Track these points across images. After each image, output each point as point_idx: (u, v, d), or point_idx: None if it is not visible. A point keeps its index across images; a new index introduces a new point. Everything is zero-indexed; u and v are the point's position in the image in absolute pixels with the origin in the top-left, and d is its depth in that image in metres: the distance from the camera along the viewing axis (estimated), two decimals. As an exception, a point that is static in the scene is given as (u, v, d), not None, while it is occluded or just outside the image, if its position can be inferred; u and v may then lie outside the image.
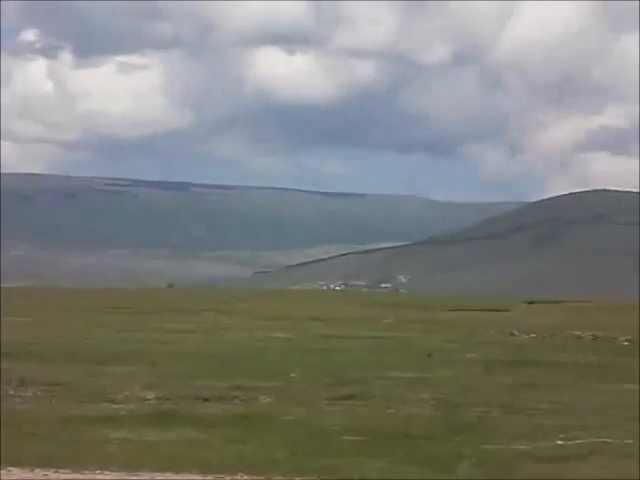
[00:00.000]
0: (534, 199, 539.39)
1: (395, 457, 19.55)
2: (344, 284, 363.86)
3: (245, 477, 18.06)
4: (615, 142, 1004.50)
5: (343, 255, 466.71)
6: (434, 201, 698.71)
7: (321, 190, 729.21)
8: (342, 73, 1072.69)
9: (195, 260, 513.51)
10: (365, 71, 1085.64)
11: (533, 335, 53.73)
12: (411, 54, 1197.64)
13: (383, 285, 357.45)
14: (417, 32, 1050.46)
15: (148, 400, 26.49)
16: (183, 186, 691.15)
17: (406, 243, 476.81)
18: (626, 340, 51.44)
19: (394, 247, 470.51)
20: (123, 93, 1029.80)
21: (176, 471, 18.25)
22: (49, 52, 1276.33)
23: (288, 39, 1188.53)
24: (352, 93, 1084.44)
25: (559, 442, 21.34)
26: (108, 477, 17.99)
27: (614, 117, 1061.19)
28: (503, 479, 17.95)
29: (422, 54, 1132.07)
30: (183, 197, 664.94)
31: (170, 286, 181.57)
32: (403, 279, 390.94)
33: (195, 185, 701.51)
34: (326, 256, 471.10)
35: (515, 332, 55.54)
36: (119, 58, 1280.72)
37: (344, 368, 34.64)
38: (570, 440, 21.49)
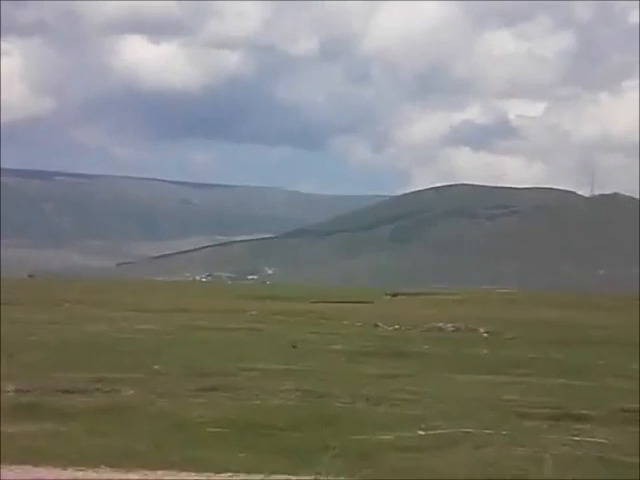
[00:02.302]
0: (399, 192, 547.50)
1: (259, 449, 19.53)
2: (210, 276, 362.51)
3: (107, 470, 17.78)
4: (476, 137, 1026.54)
5: (209, 246, 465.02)
6: (302, 193, 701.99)
7: (188, 181, 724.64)
8: (209, 64, 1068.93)
9: (58, 250, 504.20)
10: (233, 62, 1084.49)
11: (396, 327, 54.46)
12: (279, 46, 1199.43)
13: (250, 277, 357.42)
14: (285, 24, 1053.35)
15: (7, 392, 25.85)
16: (47, 175, 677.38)
17: (273, 235, 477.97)
18: (486, 332, 52.62)
19: (261, 239, 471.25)
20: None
21: (35, 464, 17.86)
22: None
23: (154, 28, 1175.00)
24: (220, 84, 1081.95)
25: (421, 432, 21.63)
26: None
27: (476, 113, 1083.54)
28: (366, 469, 18.10)
29: (290, 46, 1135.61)
30: (46, 186, 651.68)
31: (30, 276, 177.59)
32: (270, 271, 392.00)
33: (59, 174, 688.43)
34: (192, 247, 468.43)
35: (379, 324, 56.19)
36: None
37: (209, 360, 34.47)
38: (431, 430, 21.82)
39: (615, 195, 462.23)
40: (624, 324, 61.55)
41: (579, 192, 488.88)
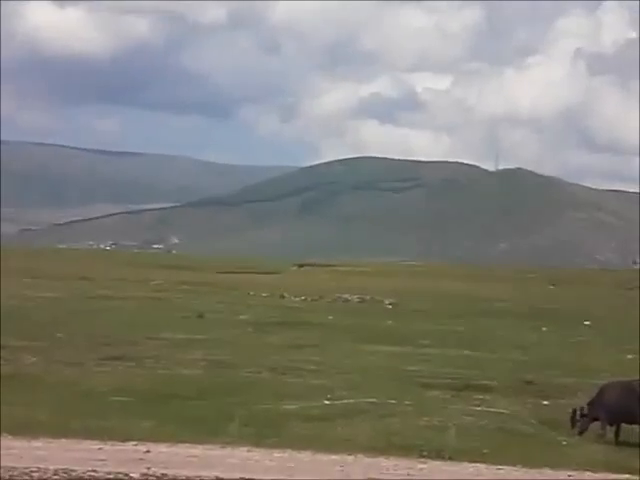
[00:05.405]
0: (307, 164, 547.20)
1: (164, 418, 19.47)
2: (115, 244, 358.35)
3: (9, 437, 17.57)
4: (384, 111, 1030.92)
5: (114, 214, 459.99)
6: (208, 162, 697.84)
7: (93, 148, 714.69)
8: (116, 30, 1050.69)
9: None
10: (140, 29, 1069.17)
11: (302, 297, 54.65)
12: (188, 13, 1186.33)
13: (155, 246, 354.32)
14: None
15: None
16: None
17: (179, 204, 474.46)
18: (390, 303, 53.14)
19: (167, 208, 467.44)
20: None
21: None
22: None
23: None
24: (127, 50, 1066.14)
25: (326, 402, 21.80)
26: None
27: (384, 86, 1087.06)
28: (272, 438, 18.18)
29: (199, 14, 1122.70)
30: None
31: None
32: (175, 240, 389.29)
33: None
34: (96, 215, 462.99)
35: (285, 294, 56.33)
36: None
37: (113, 329, 34.20)
38: (337, 400, 22.00)
39: (518, 170, 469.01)
40: (523, 296, 62.75)
41: (484, 166, 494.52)
